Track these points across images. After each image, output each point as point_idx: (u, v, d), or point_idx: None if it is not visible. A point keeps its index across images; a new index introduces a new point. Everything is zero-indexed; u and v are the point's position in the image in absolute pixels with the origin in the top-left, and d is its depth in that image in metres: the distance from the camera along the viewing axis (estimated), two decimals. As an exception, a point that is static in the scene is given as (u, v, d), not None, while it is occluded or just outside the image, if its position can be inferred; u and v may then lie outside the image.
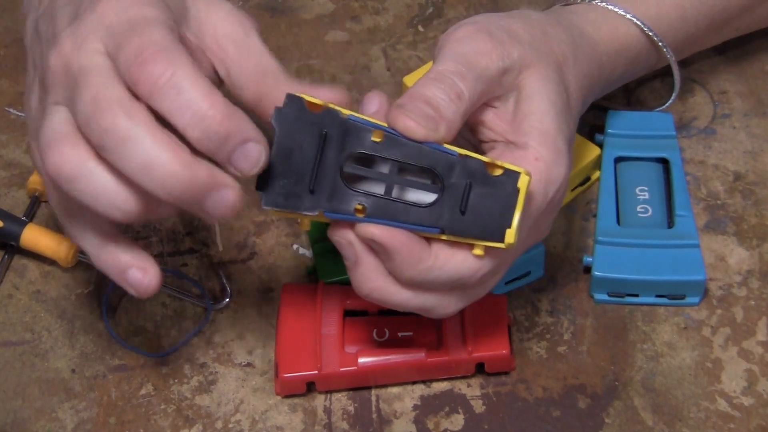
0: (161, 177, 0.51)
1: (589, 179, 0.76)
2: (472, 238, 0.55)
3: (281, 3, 0.88)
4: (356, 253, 0.57)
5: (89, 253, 0.58)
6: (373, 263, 0.57)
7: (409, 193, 0.56)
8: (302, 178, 0.56)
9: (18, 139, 0.81)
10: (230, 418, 0.67)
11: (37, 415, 0.67)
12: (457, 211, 0.55)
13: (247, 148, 0.53)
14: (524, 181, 0.55)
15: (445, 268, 0.56)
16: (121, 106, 0.52)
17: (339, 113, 0.56)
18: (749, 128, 0.79)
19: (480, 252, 0.56)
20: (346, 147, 0.56)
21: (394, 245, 0.55)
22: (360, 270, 0.57)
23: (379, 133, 0.56)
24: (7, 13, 0.89)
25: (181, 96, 0.52)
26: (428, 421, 0.66)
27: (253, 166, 0.54)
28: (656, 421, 0.66)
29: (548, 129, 0.58)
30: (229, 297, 0.72)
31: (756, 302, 0.70)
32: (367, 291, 0.58)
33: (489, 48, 0.58)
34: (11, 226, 0.73)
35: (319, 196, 0.56)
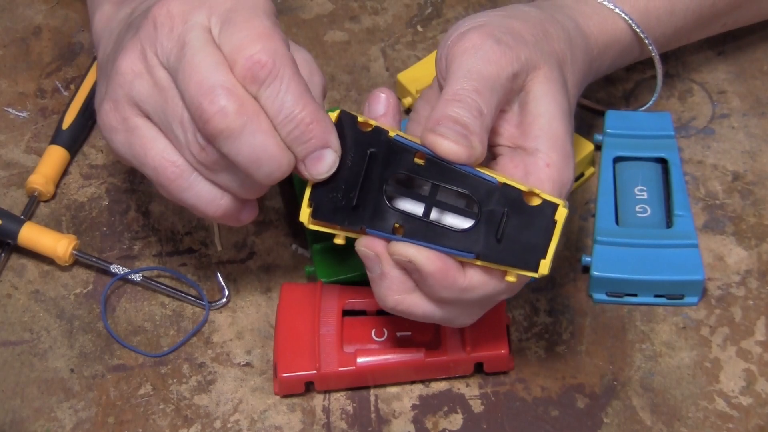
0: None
1: (583, 175, 0.76)
2: (507, 266, 0.56)
3: (281, 3, 0.88)
4: (383, 266, 0.58)
5: None
6: (400, 278, 0.58)
7: (446, 216, 0.57)
8: (348, 194, 0.58)
9: (17, 138, 0.81)
10: (229, 418, 0.67)
11: (35, 415, 0.67)
12: (493, 239, 0.56)
13: (324, 154, 0.57)
14: (562, 214, 0.56)
15: (478, 291, 0.58)
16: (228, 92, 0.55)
17: (386, 133, 0.58)
18: (748, 128, 0.79)
19: (513, 279, 0.57)
20: (390, 166, 0.58)
21: (430, 268, 0.56)
22: (385, 283, 0.58)
23: (421, 155, 0.57)
24: (6, 14, 0.89)
25: (280, 96, 0.55)
26: (427, 420, 0.66)
27: (324, 171, 0.57)
28: (655, 420, 0.66)
29: (558, 133, 0.58)
30: (227, 297, 0.72)
31: (754, 302, 0.70)
32: (393, 304, 0.59)
33: (498, 56, 0.59)
34: (9, 225, 0.73)
35: (363, 213, 0.58)
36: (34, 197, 0.76)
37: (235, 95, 0.55)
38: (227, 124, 0.55)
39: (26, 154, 0.80)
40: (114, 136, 0.60)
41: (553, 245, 0.56)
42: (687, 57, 0.82)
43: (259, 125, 0.55)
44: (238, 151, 0.56)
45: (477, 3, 0.87)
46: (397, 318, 0.68)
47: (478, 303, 0.59)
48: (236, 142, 0.55)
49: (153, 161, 0.59)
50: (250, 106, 0.55)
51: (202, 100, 0.55)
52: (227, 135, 0.55)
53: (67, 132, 0.79)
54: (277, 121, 0.56)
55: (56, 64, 0.85)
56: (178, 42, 0.56)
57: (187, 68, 0.56)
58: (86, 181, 0.78)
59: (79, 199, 0.77)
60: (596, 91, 0.81)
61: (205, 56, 0.56)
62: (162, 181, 0.59)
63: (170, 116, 0.58)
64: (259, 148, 0.56)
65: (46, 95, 0.83)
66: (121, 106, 0.59)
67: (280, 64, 0.56)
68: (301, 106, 0.56)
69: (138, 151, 0.60)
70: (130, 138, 0.60)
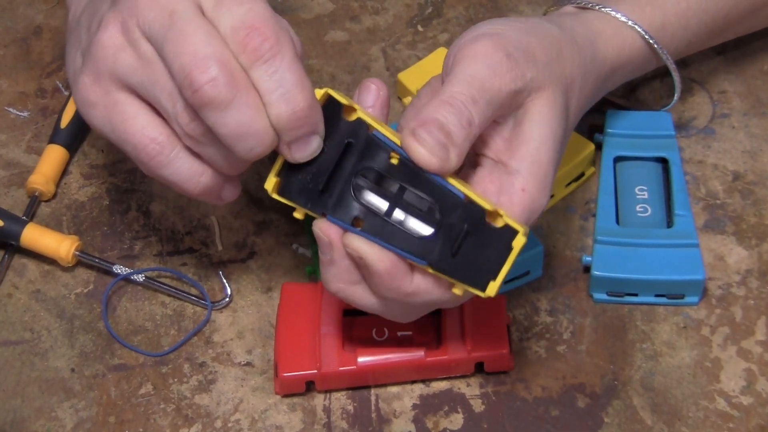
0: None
1: (584, 175, 0.76)
2: (456, 280, 0.57)
3: (281, 3, 0.88)
4: (333, 254, 0.58)
5: None
6: (348, 268, 0.58)
7: (409, 219, 0.57)
8: (317, 177, 0.58)
9: (18, 138, 0.81)
10: (230, 418, 0.67)
11: (36, 415, 0.67)
12: (448, 252, 0.56)
13: (310, 140, 0.57)
14: (519, 242, 0.56)
15: (422, 298, 0.58)
16: (221, 63, 0.54)
17: (367, 127, 0.57)
18: (748, 128, 0.79)
19: (459, 292, 0.57)
20: (363, 160, 0.57)
21: (379, 268, 0.56)
22: (332, 270, 0.58)
23: (396, 157, 0.57)
24: (6, 13, 0.89)
25: (279, 74, 0.55)
26: (427, 420, 0.66)
27: (306, 156, 0.57)
28: (655, 420, 0.66)
29: (542, 160, 0.58)
30: (228, 296, 0.72)
31: (755, 302, 0.70)
32: (335, 290, 0.59)
33: (504, 70, 0.58)
34: (11, 226, 0.73)
35: (327, 199, 0.58)
36: (36, 197, 0.76)
37: (228, 67, 0.54)
38: (217, 94, 0.54)
39: (27, 153, 0.80)
40: (93, 111, 0.60)
41: (504, 270, 0.56)
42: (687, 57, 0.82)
43: (248, 99, 0.55)
44: (224, 123, 0.55)
45: (478, 3, 0.87)
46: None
47: (420, 306, 0.59)
48: (223, 114, 0.55)
49: (133, 138, 0.58)
50: (242, 80, 0.55)
51: (193, 69, 0.54)
52: (215, 106, 0.54)
53: (66, 130, 0.79)
54: (271, 98, 0.55)
55: (57, 63, 0.85)
56: (163, 11, 0.56)
57: (177, 37, 0.55)
58: (87, 181, 0.78)
59: (79, 198, 0.77)
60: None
61: (197, 27, 0.55)
62: (142, 158, 0.59)
63: (158, 88, 0.57)
64: (246, 123, 0.55)
65: (47, 95, 0.83)
66: (103, 80, 0.58)
67: (283, 42, 0.55)
68: (300, 88, 0.55)
69: (118, 127, 0.59)
70: (110, 113, 0.59)
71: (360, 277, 0.58)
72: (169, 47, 0.55)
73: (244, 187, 0.77)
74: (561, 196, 0.75)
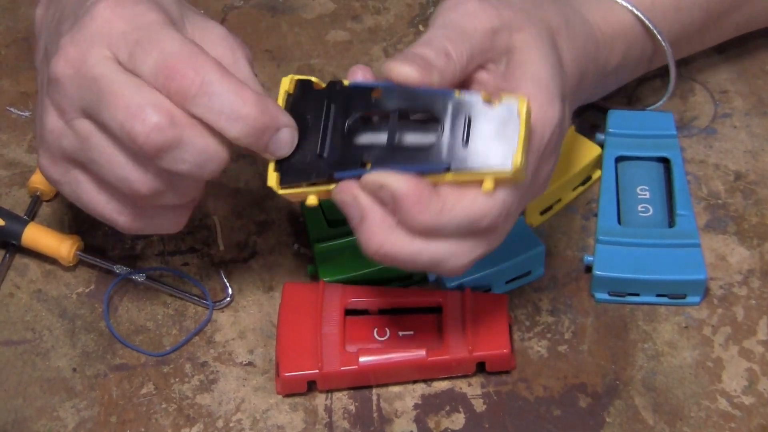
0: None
1: (590, 179, 0.76)
2: (478, 171, 0.55)
3: (282, 3, 0.88)
4: (362, 207, 0.56)
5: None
6: (380, 215, 0.56)
7: (409, 137, 0.57)
8: (312, 148, 0.58)
9: (19, 138, 0.81)
10: (231, 417, 0.67)
11: (38, 414, 0.67)
12: (460, 145, 0.55)
13: (281, 135, 0.57)
14: (523, 105, 0.55)
15: (456, 209, 0.55)
16: (156, 107, 0.55)
17: (341, 83, 0.58)
18: (750, 128, 0.79)
19: (490, 185, 0.55)
20: (349, 110, 0.57)
21: (402, 188, 0.55)
22: (366, 225, 0.56)
23: (378, 91, 0.57)
24: (8, 13, 0.89)
25: (214, 100, 0.55)
26: (429, 420, 0.66)
27: (287, 149, 0.57)
28: (657, 420, 0.66)
29: (541, 76, 0.58)
30: (229, 296, 0.72)
31: (757, 301, 0.70)
32: (376, 247, 0.56)
33: (477, 10, 0.59)
34: (12, 225, 0.73)
35: (329, 161, 0.57)
36: (37, 197, 0.76)
37: (165, 109, 0.55)
38: (164, 138, 0.55)
39: (28, 153, 0.80)
40: (60, 188, 0.61)
41: (521, 140, 0.54)
42: (688, 56, 0.82)
43: (195, 130, 0.55)
44: (183, 159, 0.56)
45: (479, 2, 0.87)
46: (399, 318, 0.68)
47: (463, 231, 0.56)
48: (178, 153, 0.55)
49: (103, 214, 0.61)
50: (182, 117, 0.55)
51: (133, 122, 0.54)
52: (167, 149, 0.55)
53: (69, 131, 0.79)
54: (220, 125, 0.55)
55: (58, 63, 0.85)
56: (86, 82, 0.56)
57: (109, 98, 0.55)
58: (88, 181, 0.78)
59: (81, 198, 0.77)
60: (598, 90, 0.81)
61: (122, 83, 0.55)
62: (119, 229, 0.61)
63: (101, 165, 0.58)
64: (203, 151, 0.56)
65: (48, 95, 0.83)
66: (58, 161, 0.60)
67: (203, 69, 0.55)
68: (241, 102, 0.55)
69: (86, 205, 0.61)
70: (75, 190, 0.61)
71: (394, 223, 0.56)
72: (104, 113, 0.55)
73: (246, 187, 0.77)
74: (568, 200, 0.75)
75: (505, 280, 0.70)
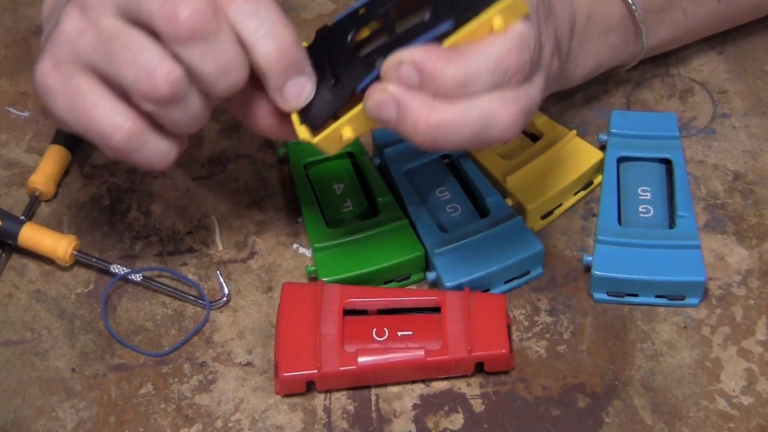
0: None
1: (592, 183, 0.76)
2: (483, 11, 0.54)
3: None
4: (394, 96, 0.56)
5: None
6: (414, 95, 0.55)
7: (409, 24, 0.57)
8: (325, 86, 0.58)
9: (18, 138, 0.81)
10: (230, 417, 0.67)
11: (37, 415, 0.67)
12: (456, 1, 0.55)
13: (301, 80, 0.57)
14: None
15: (478, 54, 0.55)
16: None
17: (326, 26, 0.59)
18: (749, 128, 0.79)
19: (499, 23, 0.55)
20: (345, 38, 0.58)
21: (419, 54, 0.55)
22: (405, 112, 0.56)
23: (362, 8, 0.58)
24: (8, 13, 0.89)
25: (260, 12, 0.56)
26: (428, 420, 0.66)
27: (300, 99, 0.57)
28: (656, 420, 0.66)
29: None
30: (226, 296, 0.72)
31: (755, 301, 0.70)
32: (424, 126, 0.55)
33: None
34: (9, 225, 0.73)
35: (345, 83, 0.58)
36: (36, 197, 0.76)
37: (211, 2, 0.55)
38: (203, 25, 0.54)
39: (27, 153, 0.80)
40: (54, 99, 0.59)
41: None
42: (688, 57, 0.82)
43: (230, 32, 0.55)
44: (212, 56, 0.55)
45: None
46: (398, 318, 0.68)
47: (496, 78, 0.55)
48: (209, 46, 0.55)
49: (99, 126, 0.58)
50: (223, 15, 0.55)
51: (176, 3, 0.54)
52: (200, 38, 0.54)
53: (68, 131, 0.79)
54: (256, 37, 0.55)
55: (57, 63, 0.85)
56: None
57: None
58: (87, 181, 0.78)
59: (80, 198, 0.77)
60: (597, 90, 0.81)
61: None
62: (111, 146, 0.58)
63: (118, 61, 0.56)
64: (230, 57, 0.55)
65: (48, 95, 0.83)
66: (63, 65, 0.58)
67: None
68: (283, 27, 0.56)
69: (82, 116, 0.58)
70: (72, 101, 0.58)
71: (430, 96, 0.55)
72: (143, 4, 0.55)
73: (245, 187, 0.77)
74: (569, 204, 0.75)
75: (504, 280, 0.70)
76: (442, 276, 0.69)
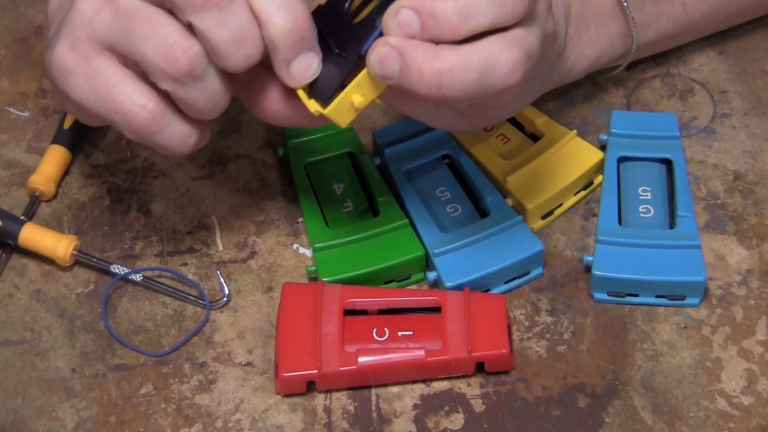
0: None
1: (592, 183, 0.76)
2: None
3: None
4: (398, 46, 0.56)
5: None
6: (416, 43, 0.56)
7: None
8: (328, 55, 0.58)
9: (18, 138, 0.81)
10: (230, 418, 0.67)
11: (37, 414, 0.67)
12: None
13: (309, 57, 0.57)
14: None
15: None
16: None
17: (319, 5, 0.59)
18: (749, 128, 0.79)
19: None
20: (342, 10, 0.58)
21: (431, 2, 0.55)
22: (409, 61, 0.56)
23: None
24: (8, 13, 0.89)
25: None
26: (428, 420, 0.66)
27: (307, 77, 0.57)
28: (656, 420, 0.66)
29: None
30: (228, 296, 0.72)
31: (756, 301, 0.70)
32: (429, 72, 0.55)
33: None
34: (9, 225, 0.73)
35: (349, 49, 0.58)
36: (36, 197, 0.76)
37: None
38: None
39: (27, 153, 0.80)
40: (73, 81, 0.58)
41: None
42: (688, 56, 0.82)
43: (244, 2, 0.55)
44: (226, 24, 0.55)
45: (478, 3, 0.87)
46: (399, 317, 0.68)
47: (496, 17, 0.55)
48: (223, 14, 0.55)
49: (122, 107, 0.58)
50: None
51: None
52: (215, 4, 0.54)
53: (69, 131, 0.79)
54: (270, 9, 0.55)
55: (57, 63, 0.85)
56: None
57: None
58: (88, 181, 0.78)
59: (80, 198, 0.77)
60: (597, 90, 0.81)
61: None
62: (133, 127, 0.58)
63: (138, 37, 0.56)
64: (246, 26, 0.55)
65: (48, 95, 0.83)
66: (81, 46, 0.58)
67: None
68: (297, 1, 0.56)
69: (104, 97, 0.58)
70: (92, 82, 0.58)
71: (431, 43, 0.56)
72: None
73: (245, 187, 0.77)
74: (569, 205, 0.75)
75: (504, 280, 0.70)
76: (442, 276, 0.69)
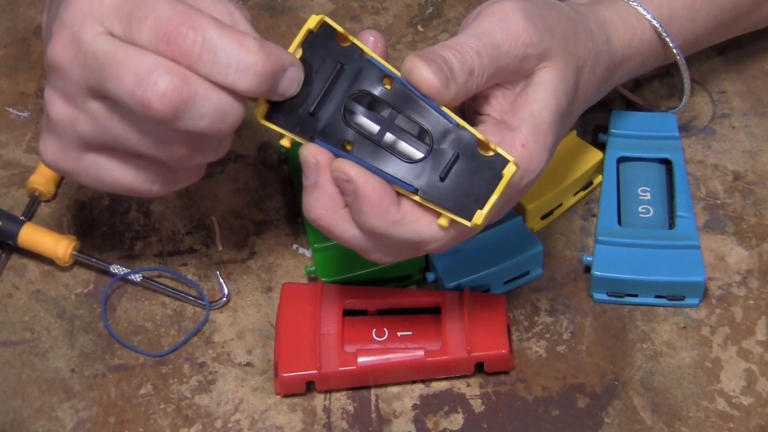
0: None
1: (591, 183, 0.76)
2: (443, 208, 0.56)
3: (281, 3, 0.88)
4: (319, 177, 0.57)
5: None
6: (332, 193, 0.57)
7: (398, 144, 0.57)
8: (307, 101, 0.57)
9: (18, 138, 0.81)
10: (230, 418, 0.67)
11: (36, 415, 0.67)
12: (437, 177, 0.56)
13: (287, 75, 0.56)
14: (510, 170, 0.55)
15: (408, 228, 0.56)
16: (165, 69, 0.54)
17: (361, 51, 0.57)
18: (748, 128, 0.79)
19: (445, 223, 0.56)
20: (356, 83, 0.57)
21: (366, 191, 0.55)
22: (316, 195, 0.57)
23: (390, 80, 0.57)
24: (7, 13, 0.89)
25: (219, 55, 0.54)
26: (427, 420, 0.66)
27: (295, 88, 0.57)
28: (655, 420, 0.66)
29: (543, 122, 0.58)
30: (227, 296, 0.72)
31: (755, 302, 0.70)
32: (316, 217, 0.57)
33: (519, 31, 0.58)
34: (9, 226, 0.73)
35: (317, 123, 0.57)
36: (35, 197, 0.76)
37: (173, 70, 0.54)
38: (179, 97, 0.53)
39: (27, 154, 0.80)
40: (77, 178, 0.60)
41: (493, 198, 0.55)
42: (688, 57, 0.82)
43: (207, 85, 0.54)
44: (201, 116, 0.54)
45: (478, 2, 0.87)
46: (398, 318, 0.68)
47: (404, 243, 0.57)
48: (196, 110, 0.54)
49: (133, 188, 0.60)
50: (191, 75, 0.54)
51: (144, 88, 0.53)
52: (183, 108, 0.54)
53: (68, 132, 0.79)
54: (230, 79, 0.54)
55: (57, 64, 0.85)
56: (87, 60, 0.55)
57: (114, 70, 0.54)
58: (87, 181, 0.78)
59: (80, 199, 0.77)
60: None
61: (124, 52, 0.54)
62: (151, 196, 0.61)
63: (126, 139, 0.57)
64: (220, 104, 0.55)
65: (47, 95, 0.83)
66: (71, 149, 0.59)
67: (200, 26, 0.54)
68: (245, 52, 0.54)
69: (111, 185, 0.60)
70: (94, 176, 0.60)
71: (343, 203, 0.57)
72: (112, 86, 0.54)
73: (244, 187, 0.77)
74: (569, 205, 0.75)
75: (504, 280, 0.70)
76: (441, 276, 0.69)
